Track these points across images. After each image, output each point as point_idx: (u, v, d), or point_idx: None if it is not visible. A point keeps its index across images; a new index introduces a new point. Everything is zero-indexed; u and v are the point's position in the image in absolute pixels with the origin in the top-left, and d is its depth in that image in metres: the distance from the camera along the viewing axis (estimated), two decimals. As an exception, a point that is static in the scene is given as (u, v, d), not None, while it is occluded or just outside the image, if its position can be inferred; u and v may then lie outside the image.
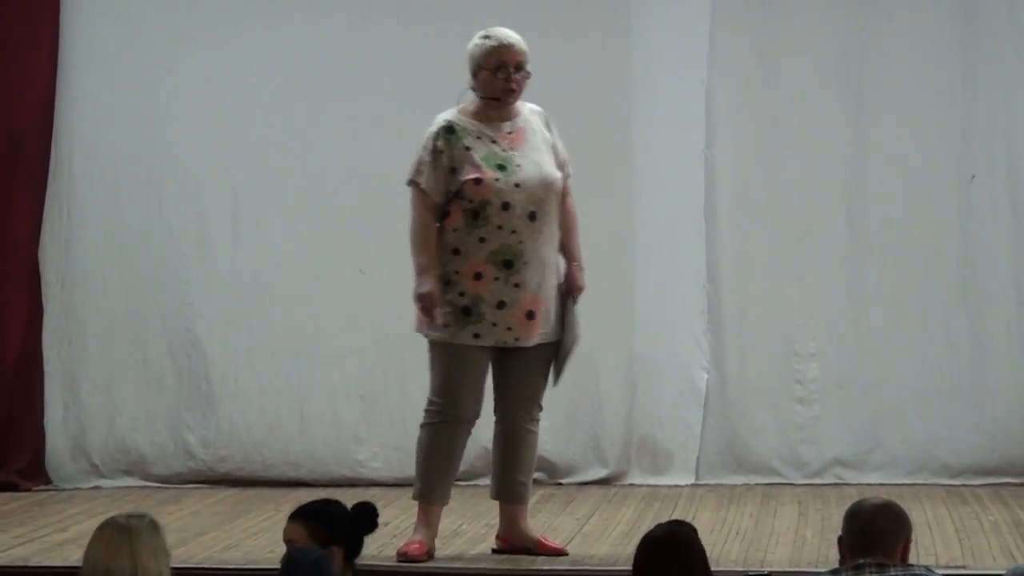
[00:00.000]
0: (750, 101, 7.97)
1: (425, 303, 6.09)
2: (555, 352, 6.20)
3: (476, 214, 6.03)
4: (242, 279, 8.15)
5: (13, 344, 8.16)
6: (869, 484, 7.71)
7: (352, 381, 8.10)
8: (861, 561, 3.93)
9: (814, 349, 7.84)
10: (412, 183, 6.17)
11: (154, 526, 3.91)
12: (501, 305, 6.05)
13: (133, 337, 8.17)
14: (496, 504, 6.33)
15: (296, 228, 8.13)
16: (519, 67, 6.12)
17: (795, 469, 7.93)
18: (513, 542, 6.25)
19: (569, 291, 6.26)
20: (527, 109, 6.23)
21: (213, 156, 8.16)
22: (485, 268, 6.04)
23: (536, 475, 7.95)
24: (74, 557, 6.20)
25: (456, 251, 6.07)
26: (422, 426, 6.24)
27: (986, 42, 7.82)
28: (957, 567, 5.99)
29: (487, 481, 7.97)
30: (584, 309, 7.88)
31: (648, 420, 7.97)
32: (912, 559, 4.20)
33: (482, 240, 6.04)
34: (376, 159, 8.07)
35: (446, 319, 6.07)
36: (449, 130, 6.12)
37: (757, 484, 7.86)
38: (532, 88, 7.92)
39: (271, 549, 6.22)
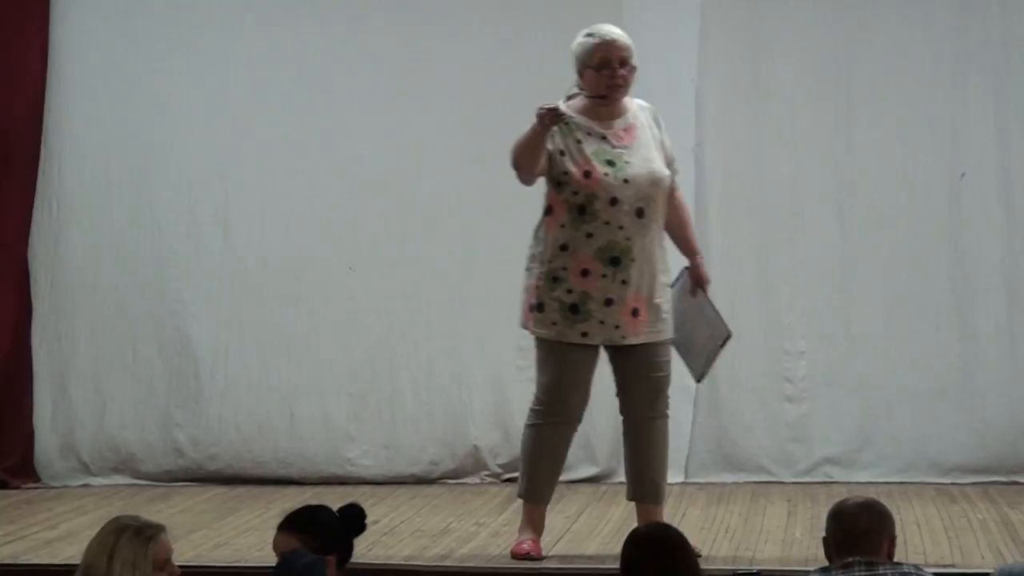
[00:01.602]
0: (740, 99, 7.98)
1: (544, 108, 5.85)
2: (669, 349, 6.14)
3: (583, 209, 5.98)
4: (232, 277, 8.14)
5: (2, 342, 8.16)
6: (858, 483, 7.71)
7: (342, 379, 8.10)
8: (850, 560, 3.94)
9: (804, 347, 7.84)
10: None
11: (144, 538, 3.89)
12: (609, 302, 5.99)
13: (122, 335, 8.16)
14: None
15: (286, 226, 8.13)
16: (623, 62, 6.05)
17: (784, 467, 7.94)
18: None
19: (698, 284, 6.22)
20: (635, 105, 6.17)
21: (203, 154, 8.15)
22: (593, 264, 5.99)
23: (525, 473, 7.98)
24: (63, 555, 6.20)
25: (564, 247, 6.01)
26: (529, 426, 6.16)
27: (976, 40, 7.83)
28: (946, 565, 6.00)
29: (474, 480, 8.03)
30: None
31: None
32: (901, 557, 4.21)
33: (589, 236, 5.98)
34: (367, 158, 8.08)
35: (554, 316, 6.00)
36: (562, 112, 6.02)
37: (746, 482, 7.86)
38: (524, 84, 7.97)
39: (260, 547, 6.22)
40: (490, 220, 8.01)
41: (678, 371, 7.85)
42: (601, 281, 5.98)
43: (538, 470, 6.14)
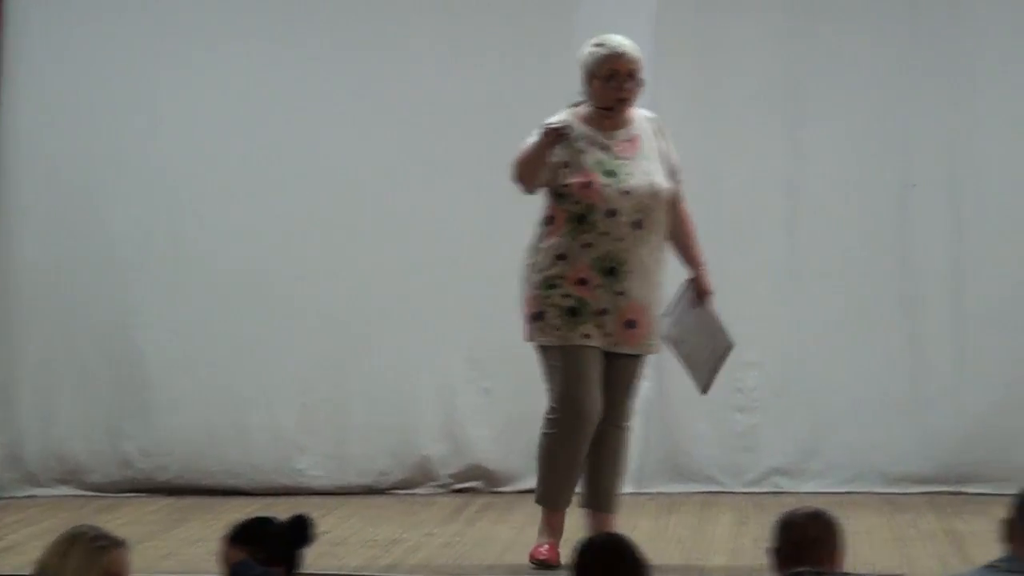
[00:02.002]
0: (693, 111, 7.99)
1: (550, 127, 5.90)
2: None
3: (582, 219, 5.99)
4: (182, 288, 8.11)
5: (-51, 351, 8.10)
6: (807, 493, 7.73)
7: (292, 390, 8.07)
8: (798, 570, 3.94)
9: (753, 358, 7.86)
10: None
11: (98, 547, 3.87)
12: (603, 312, 6.00)
13: (71, 345, 8.12)
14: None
15: (236, 237, 8.10)
16: (631, 75, 6.06)
17: (734, 477, 7.96)
18: None
19: (700, 295, 6.23)
20: (640, 116, 6.17)
21: (155, 164, 8.12)
22: (589, 274, 5.99)
23: (473, 483, 8.00)
24: (10, 566, 6.15)
25: (562, 256, 6.01)
26: (544, 433, 6.13)
27: (926, 52, 7.87)
28: (893, 575, 6.02)
29: (424, 490, 8.02)
30: (522, 317, 7.93)
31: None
32: (849, 567, 4.22)
33: (587, 246, 5.99)
34: (320, 167, 8.06)
35: (555, 322, 6.00)
36: (567, 127, 6.04)
37: (696, 492, 7.88)
38: (477, 92, 7.97)
39: (209, 559, 6.17)
40: (441, 231, 8.01)
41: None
42: (597, 291, 5.99)
43: (558, 475, 6.10)
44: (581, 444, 6.07)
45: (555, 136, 5.91)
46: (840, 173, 7.93)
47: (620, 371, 6.08)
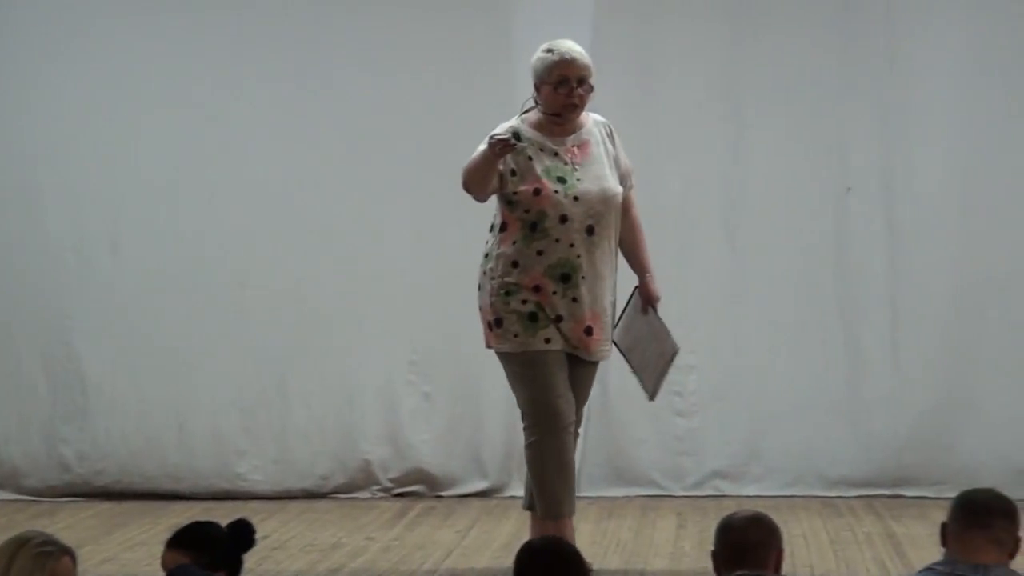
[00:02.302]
0: (630, 115, 7.99)
1: (496, 139, 5.85)
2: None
3: (534, 226, 5.96)
4: (121, 291, 8.07)
5: None
6: (747, 496, 7.77)
7: (233, 394, 8.04)
8: (738, 573, 3.96)
9: (693, 362, 7.89)
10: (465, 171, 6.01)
11: (44, 553, 3.84)
12: (559, 319, 5.97)
13: (7, 348, 8.06)
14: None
15: (176, 240, 8.07)
16: (581, 81, 6.03)
17: (675, 481, 7.98)
18: None
19: (647, 302, 6.22)
20: (591, 120, 6.15)
21: (91, 169, 8.07)
22: (543, 281, 5.96)
23: (416, 488, 8.00)
24: (-54, 572, 6.09)
25: (515, 264, 5.99)
26: (527, 445, 6.06)
27: (862, 57, 7.92)
28: (832, 578, 6.08)
29: (365, 494, 8.01)
30: (465, 320, 7.93)
31: (529, 432, 7.98)
32: (788, 570, 4.24)
33: (540, 253, 5.96)
34: (260, 171, 8.03)
35: (514, 328, 5.97)
36: (516, 136, 6.00)
37: (637, 496, 7.90)
38: (415, 98, 7.97)
39: (149, 562, 6.16)
40: (382, 235, 8.00)
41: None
42: (552, 297, 5.97)
43: (552, 485, 6.01)
44: (565, 447, 6.03)
45: (502, 148, 5.88)
46: (778, 178, 7.97)
47: (575, 378, 6.06)
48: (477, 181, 5.98)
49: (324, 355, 8.02)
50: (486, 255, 6.09)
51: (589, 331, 6.00)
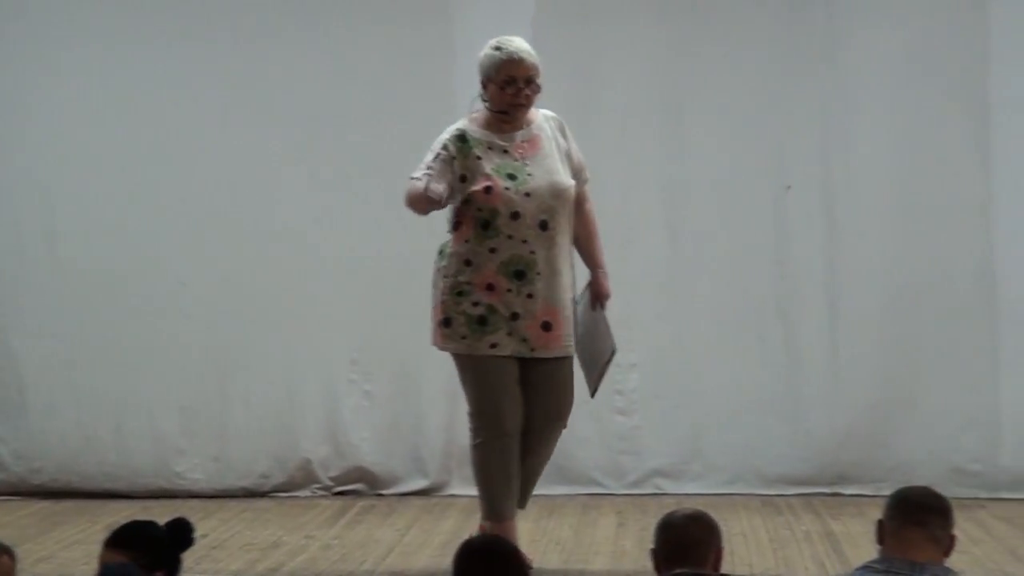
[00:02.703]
0: (572, 115, 7.96)
1: (422, 183, 5.88)
2: (574, 364, 6.12)
3: (487, 224, 5.96)
4: (59, 290, 8.01)
5: None
6: (687, 494, 7.80)
7: (172, 393, 8.01)
8: (678, 572, 3.97)
9: (634, 360, 7.91)
10: (411, 179, 6.02)
11: None
12: (515, 316, 5.96)
13: (-57, 347, 8.01)
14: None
15: (115, 239, 8.02)
16: (529, 81, 6.02)
17: (615, 479, 8.00)
18: None
19: (596, 298, 6.20)
20: (541, 116, 6.15)
21: (28, 166, 8.02)
22: (497, 279, 5.96)
23: (355, 486, 7.99)
24: None
25: (468, 262, 5.98)
26: (472, 446, 6.09)
27: (801, 57, 7.96)
28: (771, 576, 6.11)
29: (305, 493, 7.98)
30: (407, 320, 7.93)
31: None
32: (727, 568, 4.25)
33: (493, 251, 5.96)
34: (200, 170, 8.00)
35: (462, 330, 5.97)
36: (462, 138, 6.03)
37: (578, 494, 7.91)
38: (357, 99, 7.96)
39: (86, 561, 6.13)
40: (323, 235, 7.98)
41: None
42: (506, 295, 5.97)
43: (494, 487, 6.05)
44: (508, 453, 6.05)
45: (435, 200, 5.90)
46: (718, 177, 8.00)
47: (547, 376, 6.04)
48: (419, 211, 6.02)
49: (264, 354, 7.99)
50: (440, 252, 6.09)
51: (547, 326, 6.00)
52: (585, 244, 6.19)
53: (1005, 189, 7.87)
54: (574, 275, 6.16)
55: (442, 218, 7.97)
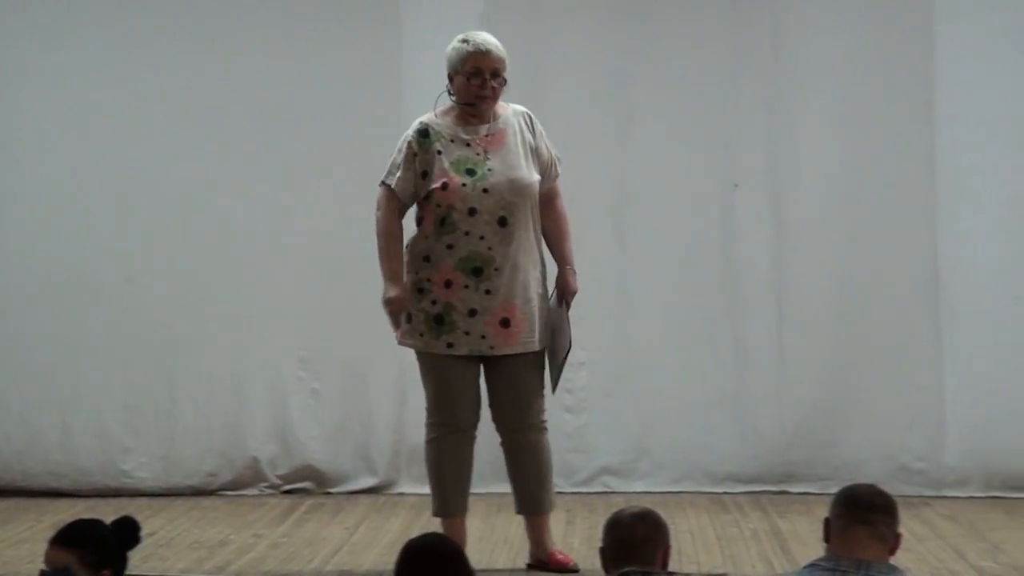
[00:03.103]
0: (521, 113, 8.03)
1: (390, 309, 6.01)
2: (544, 359, 6.11)
3: (443, 220, 5.95)
4: (3, 286, 7.97)
5: None
6: (635, 492, 7.82)
7: (118, 391, 7.97)
8: (626, 569, 3.98)
9: (583, 358, 7.92)
10: (383, 184, 6.07)
11: None
12: (473, 313, 5.96)
13: None
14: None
15: (61, 235, 7.98)
16: (495, 74, 6.02)
17: (564, 478, 7.99)
18: (535, 554, 6.14)
19: (562, 295, 6.18)
20: (510, 110, 6.13)
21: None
22: (455, 275, 5.96)
23: (304, 484, 7.97)
24: None
25: (427, 258, 5.98)
26: (426, 442, 6.10)
27: (748, 55, 7.99)
28: (717, 574, 6.11)
29: (253, 491, 7.96)
30: (355, 317, 7.91)
31: (418, 429, 7.90)
32: (675, 566, 4.27)
33: (450, 247, 5.95)
34: (146, 166, 7.96)
35: (420, 328, 5.99)
36: (423, 133, 6.02)
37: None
38: (305, 98, 7.94)
39: (31, 559, 6.09)
40: (271, 232, 7.96)
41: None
42: (463, 292, 5.97)
43: (446, 484, 6.07)
44: (462, 450, 6.06)
45: (393, 312, 6.00)
46: (665, 175, 8.01)
47: (510, 373, 6.05)
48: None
49: (212, 352, 7.97)
50: (406, 247, 6.08)
51: (506, 323, 6.00)
52: (554, 241, 6.18)
53: (949, 188, 7.92)
54: (543, 271, 6.14)
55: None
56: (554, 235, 6.17)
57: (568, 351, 6.19)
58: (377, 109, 7.96)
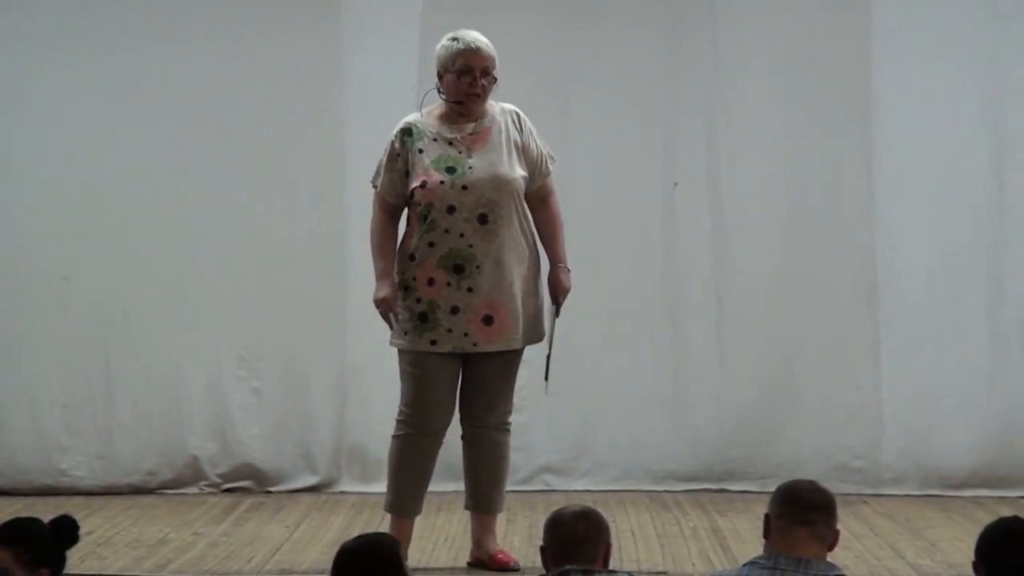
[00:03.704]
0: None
1: (381, 309, 6.01)
2: (518, 357, 6.13)
3: (425, 218, 5.95)
4: (-60, 284, 7.91)
5: None
6: (576, 491, 7.83)
7: (55, 390, 7.92)
8: (566, 568, 3.99)
9: (524, 357, 7.90)
10: (372, 184, 6.10)
11: None
12: (455, 310, 5.95)
13: None
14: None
15: (-4, 231, 7.93)
16: (485, 72, 6.03)
17: (504, 476, 8.00)
18: (476, 554, 6.15)
19: (553, 294, 6.18)
20: (498, 109, 6.12)
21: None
22: (437, 273, 5.96)
23: (244, 483, 7.95)
24: None
25: (412, 257, 5.99)
26: (393, 437, 6.08)
27: (688, 54, 8.02)
28: (658, 573, 6.13)
29: (193, 489, 7.93)
30: (295, 316, 7.89)
31: (358, 428, 7.98)
32: (615, 564, 4.28)
33: (431, 245, 5.95)
34: (84, 161, 7.91)
35: (405, 326, 5.99)
36: (407, 132, 6.03)
37: (460, 491, 7.90)
38: (245, 93, 7.91)
39: (-32, 560, 6.02)
40: (211, 230, 7.93)
41: (397, 382, 7.94)
42: (446, 289, 5.97)
43: (403, 483, 6.06)
44: (427, 453, 6.07)
45: (384, 312, 6.00)
46: (605, 174, 8.03)
47: (486, 371, 6.06)
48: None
49: (151, 350, 7.92)
50: (398, 247, 6.10)
51: (488, 320, 6.00)
52: (547, 239, 6.19)
53: (887, 188, 7.97)
54: (533, 267, 6.13)
55: (333, 218, 7.99)
56: (546, 233, 6.18)
57: (550, 347, 6.20)
58: (317, 106, 7.95)
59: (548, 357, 6.22)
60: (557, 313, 6.22)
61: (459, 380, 6.09)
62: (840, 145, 7.99)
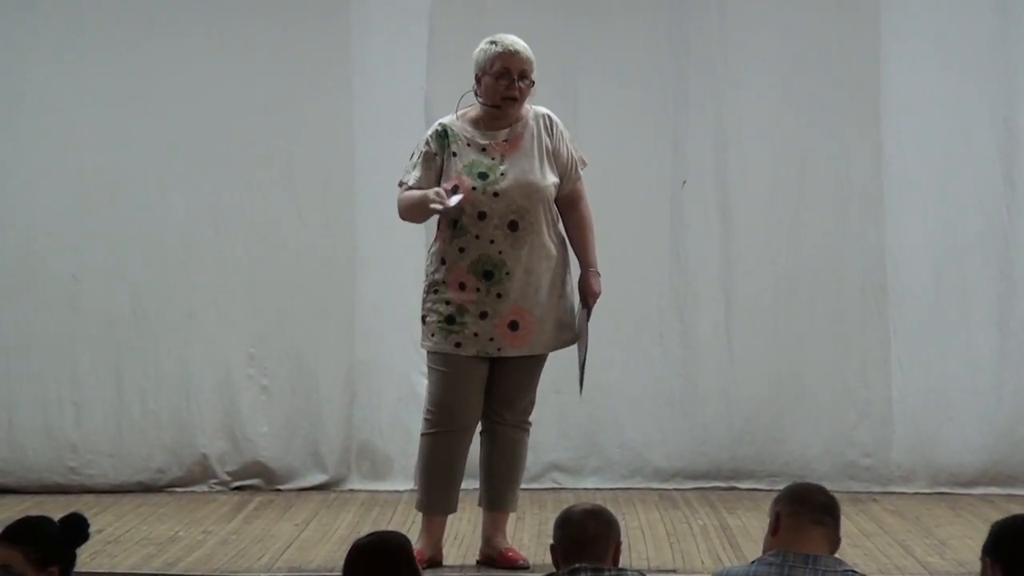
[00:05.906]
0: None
1: (431, 200, 5.90)
2: (542, 361, 6.15)
3: (455, 223, 5.97)
4: (-51, 282, 7.92)
5: None
6: (585, 489, 7.84)
7: (65, 388, 7.93)
8: (576, 566, 4.00)
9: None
10: (400, 184, 6.09)
11: None
12: (484, 315, 5.98)
13: None
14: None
15: (6, 232, 7.93)
16: (523, 76, 6.03)
17: (513, 474, 8.01)
18: (485, 551, 6.16)
19: (583, 298, 6.19)
20: (532, 113, 6.13)
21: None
22: (467, 278, 5.98)
23: (253, 481, 7.95)
24: None
25: (443, 261, 6.01)
26: (421, 435, 6.12)
27: (696, 51, 8.02)
28: (668, 571, 6.14)
29: (202, 488, 7.94)
30: (304, 314, 7.90)
31: (367, 426, 7.99)
32: (625, 562, 4.29)
33: (461, 250, 5.97)
34: (91, 162, 7.92)
35: (433, 327, 6.01)
36: (443, 134, 6.04)
37: (475, 489, 7.88)
38: (255, 94, 7.92)
39: (-21, 558, 6.03)
40: (220, 229, 7.93)
41: (406, 380, 7.96)
42: (475, 295, 5.99)
43: (432, 481, 6.09)
44: (455, 451, 6.08)
45: (443, 213, 5.95)
46: (614, 171, 8.01)
47: (509, 372, 6.08)
48: (411, 220, 6.15)
49: (160, 348, 7.93)
50: (428, 252, 6.14)
51: (514, 326, 6.02)
52: (578, 244, 6.20)
53: (896, 184, 7.97)
54: (563, 272, 6.13)
55: (342, 216, 8.00)
56: (577, 237, 6.19)
57: (584, 352, 6.21)
58: (325, 104, 7.95)
59: (582, 365, 6.23)
60: (587, 317, 6.22)
61: (485, 380, 6.10)
62: (849, 143, 7.98)
